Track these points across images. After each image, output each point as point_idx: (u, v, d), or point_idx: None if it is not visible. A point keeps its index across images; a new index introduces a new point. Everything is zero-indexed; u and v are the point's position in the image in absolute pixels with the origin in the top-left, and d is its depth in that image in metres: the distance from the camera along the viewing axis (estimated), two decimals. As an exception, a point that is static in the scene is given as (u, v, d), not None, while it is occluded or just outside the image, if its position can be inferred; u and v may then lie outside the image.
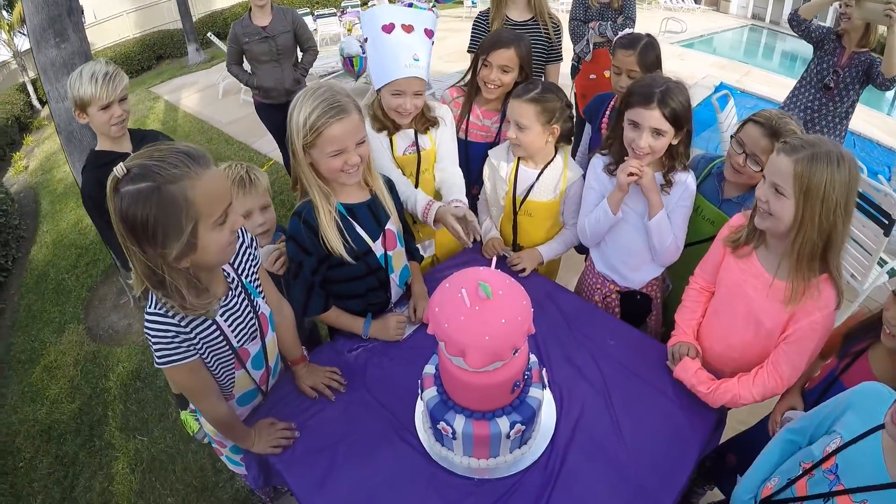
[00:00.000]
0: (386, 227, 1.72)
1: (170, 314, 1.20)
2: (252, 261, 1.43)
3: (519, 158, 2.00)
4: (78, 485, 2.77)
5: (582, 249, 2.24)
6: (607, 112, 2.29)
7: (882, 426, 1.04)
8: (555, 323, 1.81)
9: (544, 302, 1.90)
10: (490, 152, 2.10)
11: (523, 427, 1.23)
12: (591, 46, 3.51)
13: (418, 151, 1.99)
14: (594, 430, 1.46)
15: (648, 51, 2.14)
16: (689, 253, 1.89)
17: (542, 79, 2.76)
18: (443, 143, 2.04)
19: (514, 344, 1.05)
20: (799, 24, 3.28)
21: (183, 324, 1.22)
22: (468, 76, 2.21)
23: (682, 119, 1.63)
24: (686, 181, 1.76)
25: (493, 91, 2.10)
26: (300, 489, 1.38)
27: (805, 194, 1.28)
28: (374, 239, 1.70)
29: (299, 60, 4.12)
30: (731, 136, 1.73)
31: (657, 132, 1.64)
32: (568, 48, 3.15)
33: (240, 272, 1.37)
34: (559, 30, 2.75)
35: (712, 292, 1.69)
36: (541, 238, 2.10)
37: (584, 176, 1.97)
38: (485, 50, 2.08)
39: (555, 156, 1.99)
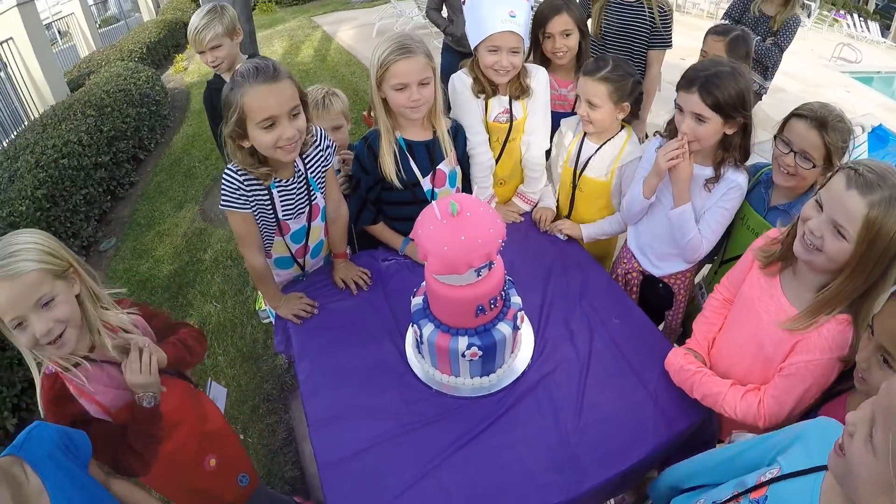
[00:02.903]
0: (438, 167, 1.90)
1: (239, 172, 1.58)
2: (322, 162, 1.75)
3: (585, 132, 2.02)
4: (154, 328, 3.34)
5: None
6: None
7: (825, 467, 0.91)
8: (570, 288, 1.86)
9: (571, 269, 1.94)
10: (563, 121, 2.13)
11: (480, 353, 1.37)
12: None
13: (511, 120, 2.02)
14: (557, 390, 1.52)
15: (739, 43, 2.07)
16: (730, 266, 1.82)
17: (646, 65, 2.74)
18: (533, 113, 2.04)
19: (468, 261, 1.18)
20: None
21: (245, 184, 1.59)
22: (530, 54, 2.23)
23: (728, 107, 1.54)
24: (735, 181, 1.67)
25: (563, 58, 2.13)
26: (299, 352, 1.69)
27: (871, 242, 1.11)
28: (425, 175, 1.89)
29: None
30: (774, 137, 1.61)
31: (699, 118, 1.58)
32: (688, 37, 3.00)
33: (307, 166, 1.71)
34: (667, 15, 2.66)
35: None
36: (590, 218, 2.11)
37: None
38: (540, 23, 2.11)
39: (619, 132, 1.99)
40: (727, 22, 3.37)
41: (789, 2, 3.17)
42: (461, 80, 1.99)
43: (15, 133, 5.25)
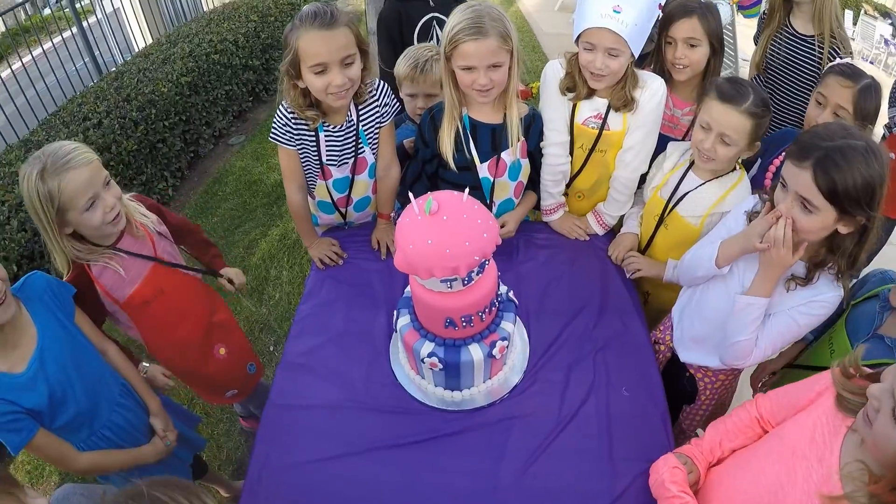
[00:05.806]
0: (501, 155, 1.76)
1: (288, 110, 1.64)
2: (378, 116, 1.74)
3: (691, 162, 1.72)
4: (242, 226, 3.72)
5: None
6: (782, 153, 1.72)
7: None
8: (593, 334, 1.63)
9: (608, 313, 1.70)
10: (671, 144, 1.83)
11: (440, 366, 1.28)
12: None
13: (602, 129, 1.76)
14: (517, 438, 1.37)
15: (870, 94, 1.62)
16: (790, 376, 1.53)
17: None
18: (636, 129, 1.75)
19: (430, 268, 1.08)
20: None
21: (292, 122, 1.65)
22: (652, 63, 1.92)
23: (849, 200, 1.15)
24: (824, 297, 1.31)
25: (681, 71, 1.80)
26: (307, 292, 1.79)
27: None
28: (484, 160, 1.76)
29: None
30: None
31: (806, 203, 1.20)
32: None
33: (360, 118, 1.70)
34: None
35: (766, 432, 1.26)
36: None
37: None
38: (664, 24, 1.77)
39: (732, 170, 1.68)
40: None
41: None
42: (553, 70, 1.77)
43: (180, 23, 5.60)
